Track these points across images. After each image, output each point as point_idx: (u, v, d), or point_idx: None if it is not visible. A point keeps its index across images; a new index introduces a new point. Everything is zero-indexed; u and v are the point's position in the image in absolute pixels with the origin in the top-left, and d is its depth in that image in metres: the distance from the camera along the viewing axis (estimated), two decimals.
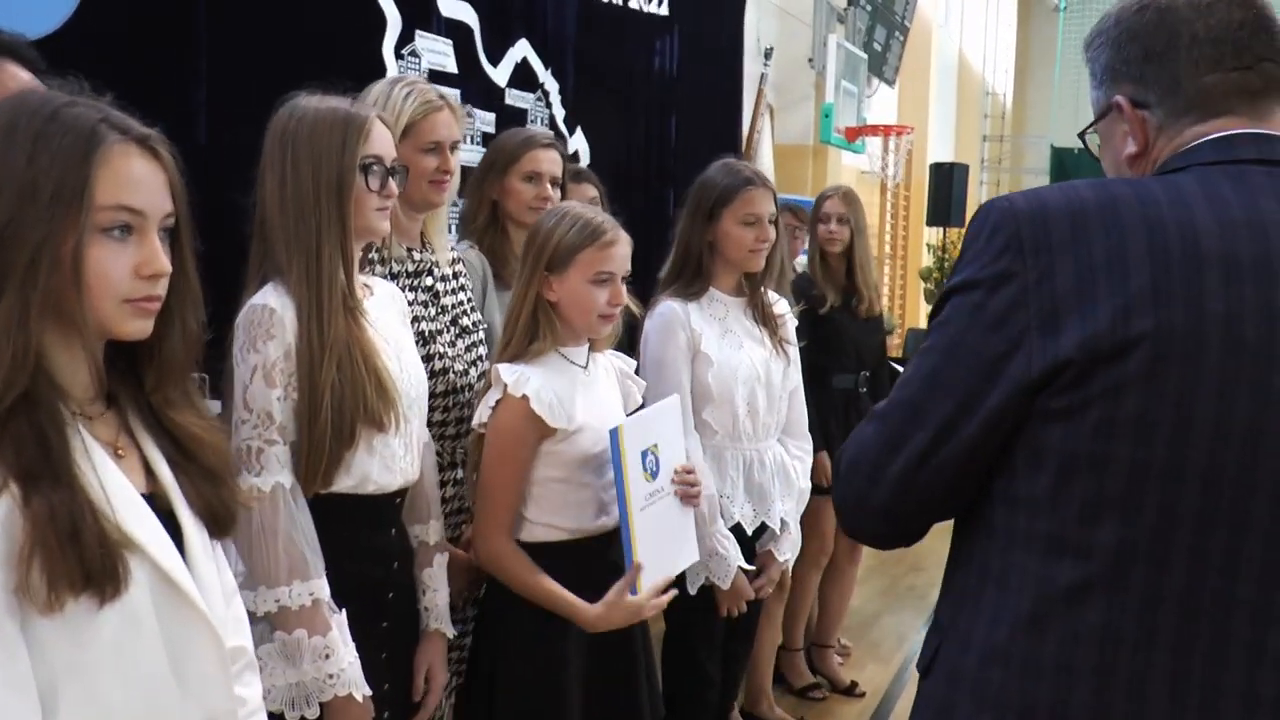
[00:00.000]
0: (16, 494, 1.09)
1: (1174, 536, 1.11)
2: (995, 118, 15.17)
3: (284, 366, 1.73)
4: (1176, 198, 1.16)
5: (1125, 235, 1.13)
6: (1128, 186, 1.19)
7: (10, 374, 1.11)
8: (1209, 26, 1.23)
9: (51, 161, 1.13)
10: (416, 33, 3.55)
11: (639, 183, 4.98)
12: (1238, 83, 1.23)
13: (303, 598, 1.71)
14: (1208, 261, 1.11)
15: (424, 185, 2.22)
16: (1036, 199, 1.19)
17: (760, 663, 3.73)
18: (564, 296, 2.14)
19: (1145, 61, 1.26)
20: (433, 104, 2.22)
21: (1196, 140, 1.24)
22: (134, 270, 1.17)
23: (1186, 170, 1.21)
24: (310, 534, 1.74)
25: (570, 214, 2.20)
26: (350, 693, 1.74)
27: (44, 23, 2.33)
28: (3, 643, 1.09)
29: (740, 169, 2.85)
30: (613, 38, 4.79)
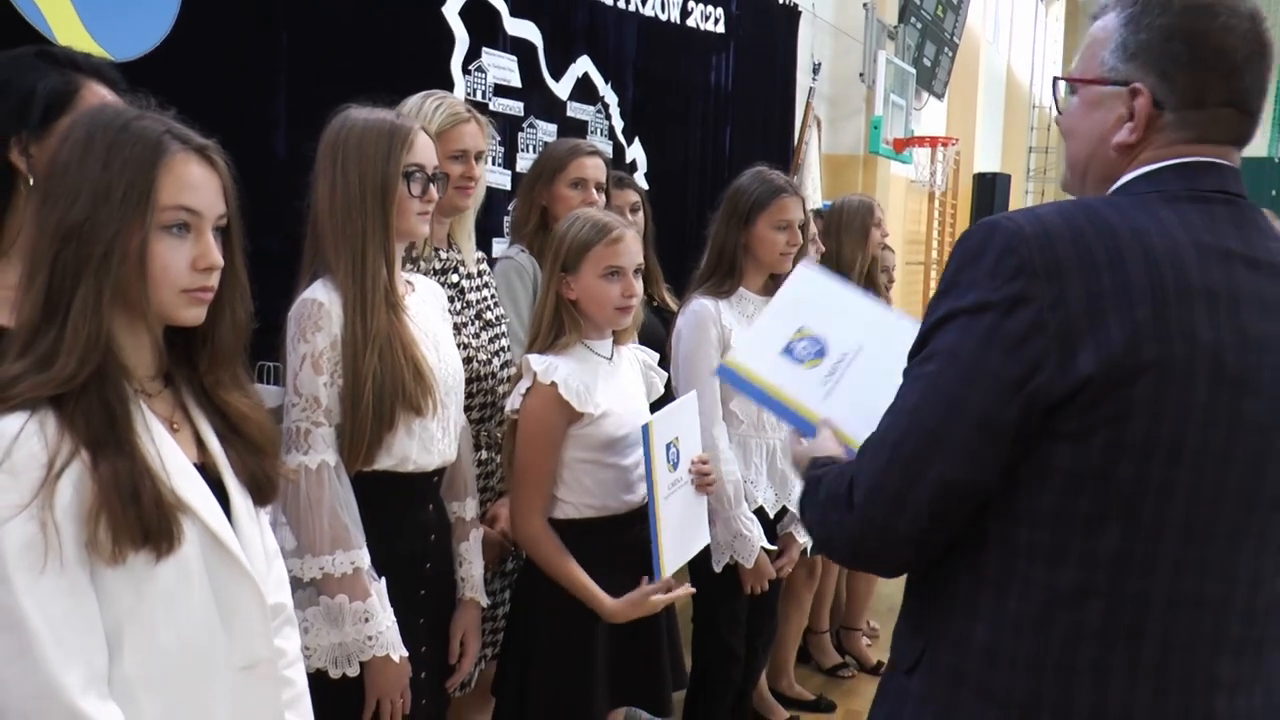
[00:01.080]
0: (86, 460, 1.18)
1: (1162, 546, 1.14)
2: (1041, 130, 14.88)
3: (330, 355, 1.80)
4: (1161, 229, 1.15)
5: (1127, 264, 1.12)
6: (1114, 212, 1.17)
7: (85, 353, 1.19)
8: (1248, 62, 1.19)
9: (123, 167, 1.22)
10: (483, 50, 3.59)
11: (694, 192, 4.99)
12: (1236, 123, 1.21)
13: (344, 566, 1.77)
14: (1196, 293, 1.12)
15: (450, 191, 2.27)
16: (1038, 222, 1.15)
17: (785, 643, 3.73)
18: (581, 293, 2.18)
19: (1186, 65, 1.18)
20: (460, 115, 2.29)
21: (1165, 161, 1.22)
22: (191, 263, 1.26)
23: (1158, 195, 1.19)
24: (352, 508, 1.80)
25: (581, 216, 2.25)
26: (388, 653, 1.81)
27: (141, 44, 2.40)
28: (76, 588, 1.18)
29: (773, 177, 2.88)
30: (671, 54, 4.80)
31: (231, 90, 2.64)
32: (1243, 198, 1.22)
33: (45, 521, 1.15)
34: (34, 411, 1.17)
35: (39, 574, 1.15)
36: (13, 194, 1.47)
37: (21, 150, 1.46)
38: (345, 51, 2.96)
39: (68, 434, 1.18)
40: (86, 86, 1.50)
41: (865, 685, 4.09)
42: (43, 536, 1.15)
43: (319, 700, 1.52)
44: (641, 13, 4.53)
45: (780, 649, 3.70)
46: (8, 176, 1.47)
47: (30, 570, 1.14)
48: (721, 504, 2.70)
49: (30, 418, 1.17)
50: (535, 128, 3.91)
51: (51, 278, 1.20)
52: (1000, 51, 12.83)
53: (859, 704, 3.92)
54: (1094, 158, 1.28)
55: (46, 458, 1.16)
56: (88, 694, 1.17)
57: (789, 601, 3.56)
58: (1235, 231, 1.18)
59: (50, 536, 1.15)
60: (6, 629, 1.14)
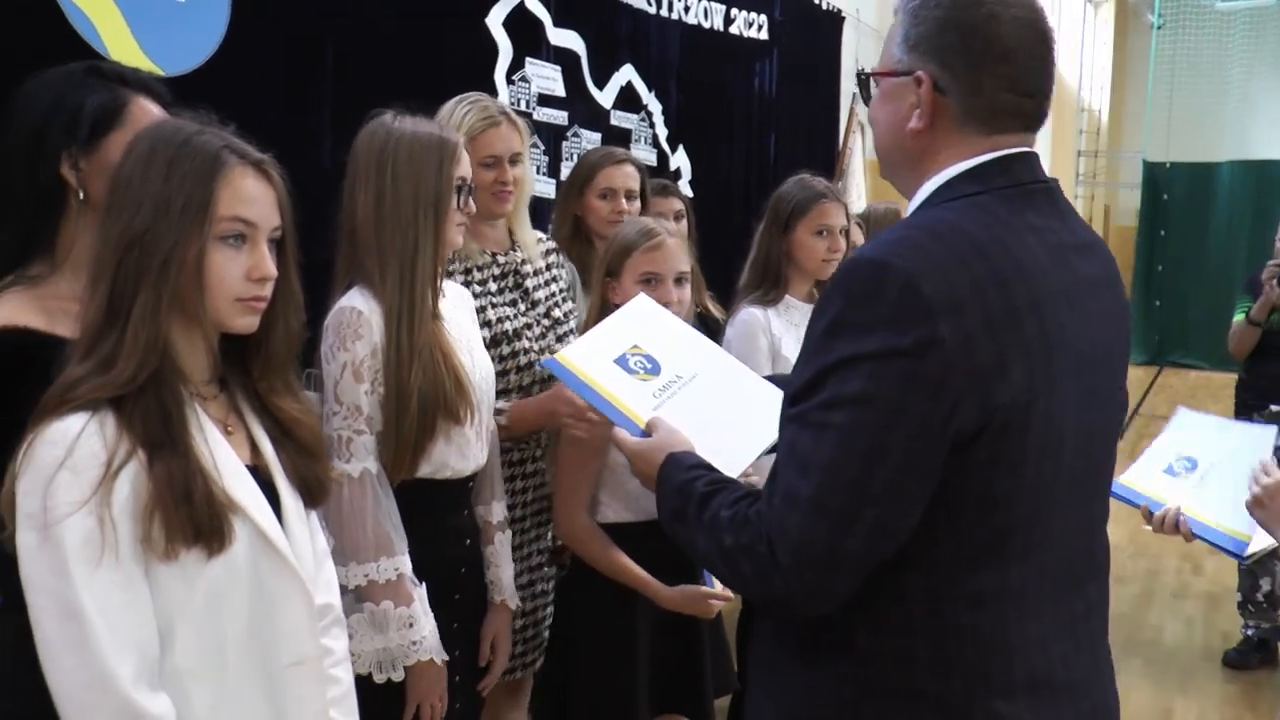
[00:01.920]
0: (143, 459, 1.23)
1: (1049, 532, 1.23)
2: (1090, 133, 14.69)
3: (370, 364, 1.80)
4: (1014, 236, 1.19)
5: (1009, 285, 1.15)
6: (975, 227, 1.18)
7: (144, 357, 1.24)
8: (1019, 48, 1.23)
9: (182, 180, 1.26)
10: (526, 60, 3.61)
11: (738, 198, 4.99)
12: (1019, 108, 1.25)
13: (388, 572, 1.78)
14: (1058, 298, 1.18)
15: (486, 196, 2.24)
16: (923, 255, 1.14)
17: None
18: (621, 299, 2.18)
19: (960, 53, 1.23)
20: (492, 118, 2.26)
21: (983, 155, 1.24)
22: (246, 273, 1.30)
23: (991, 195, 1.22)
24: (394, 515, 1.81)
25: (629, 223, 2.27)
26: (430, 658, 1.82)
27: (191, 59, 2.44)
28: (130, 583, 1.22)
29: (814, 183, 2.85)
30: (714, 61, 4.80)
31: (277, 103, 2.67)
32: (1051, 182, 1.28)
33: (103, 517, 1.19)
34: (95, 412, 1.22)
35: (96, 567, 1.19)
36: (64, 208, 1.50)
37: (72, 165, 1.48)
38: (390, 64, 2.98)
39: (126, 434, 1.22)
40: (134, 101, 1.53)
41: None
42: (100, 532, 1.19)
43: (361, 704, 1.54)
44: (684, 20, 4.53)
45: None
46: (59, 191, 1.49)
47: (88, 564, 1.18)
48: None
49: (91, 418, 1.21)
50: (579, 137, 3.92)
51: (114, 285, 1.25)
52: None
53: None
54: (895, 147, 1.31)
55: (106, 456, 1.20)
56: (139, 684, 1.21)
57: None
58: (1060, 222, 1.24)
59: (107, 532, 1.19)
60: (66, 618, 1.18)
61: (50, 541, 1.18)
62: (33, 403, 1.29)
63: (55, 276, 1.49)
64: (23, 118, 1.48)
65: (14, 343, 1.39)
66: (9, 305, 1.42)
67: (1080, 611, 1.30)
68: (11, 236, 1.48)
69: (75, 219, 1.50)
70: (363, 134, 1.88)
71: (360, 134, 1.88)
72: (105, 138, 1.49)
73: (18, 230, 1.48)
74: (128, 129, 1.49)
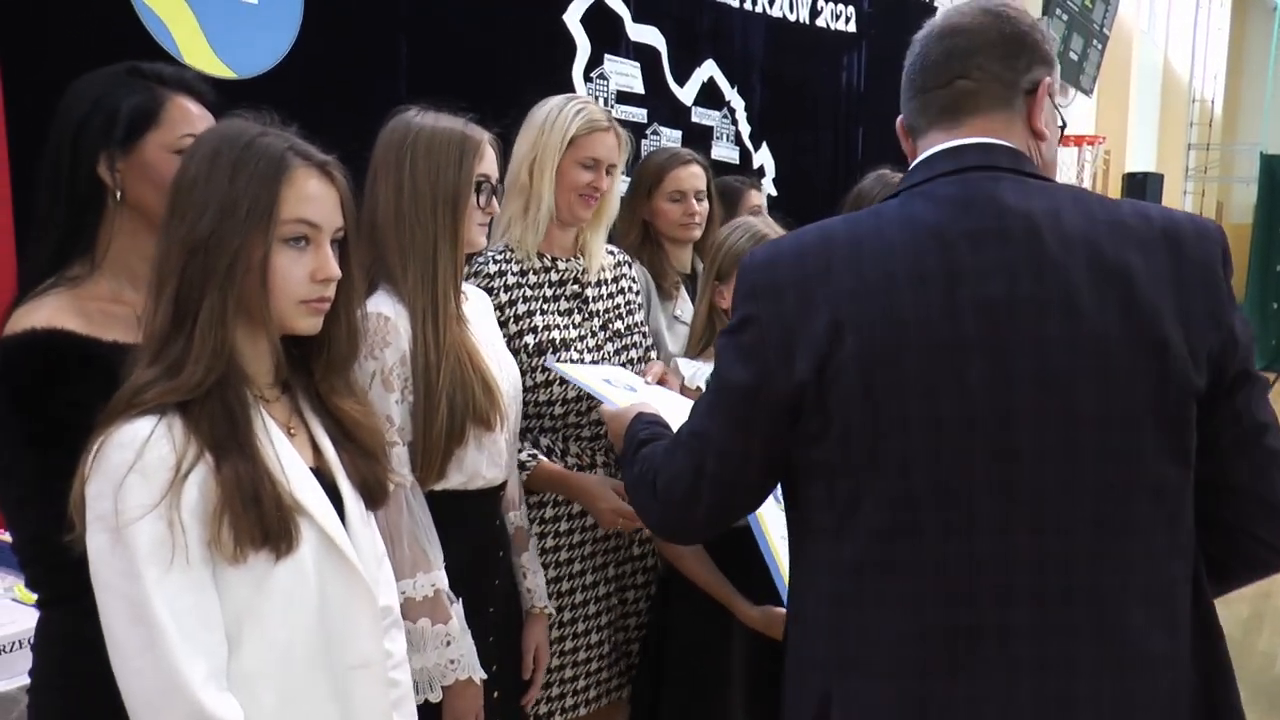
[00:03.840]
0: (210, 462, 1.23)
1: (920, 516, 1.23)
2: (1202, 125, 14.18)
3: (400, 371, 1.77)
4: (879, 226, 1.28)
5: (834, 270, 1.25)
6: (845, 223, 1.32)
7: (211, 361, 1.25)
8: (924, 55, 1.37)
9: (248, 183, 1.27)
10: (605, 56, 3.59)
11: (824, 195, 4.90)
12: (934, 100, 1.35)
13: (425, 589, 1.74)
14: (899, 280, 1.23)
15: (572, 197, 2.21)
16: (772, 247, 1.35)
17: None
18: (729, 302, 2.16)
19: (902, 92, 1.41)
20: (599, 124, 2.23)
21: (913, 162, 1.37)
22: (310, 275, 1.31)
23: (898, 196, 1.33)
24: (429, 528, 1.78)
25: (742, 225, 2.25)
26: (469, 677, 1.78)
27: (265, 60, 2.48)
28: (199, 586, 1.23)
29: (893, 179, 2.78)
30: (800, 55, 4.72)
31: (352, 103, 2.68)
32: (977, 169, 1.30)
33: (173, 520, 1.20)
34: (163, 415, 1.23)
35: (167, 570, 1.20)
36: (102, 209, 1.51)
37: (109, 165, 1.49)
38: (466, 61, 2.99)
39: (193, 438, 1.23)
40: (172, 101, 1.53)
41: None
42: (170, 535, 1.19)
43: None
44: (769, 13, 4.47)
45: None
46: (97, 191, 1.50)
47: (159, 566, 1.19)
48: None
49: (160, 421, 1.22)
50: (659, 134, 3.89)
51: (180, 289, 1.25)
52: (1157, 43, 12.27)
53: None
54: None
55: (175, 460, 1.21)
56: (209, 686, 1.21)
57: None
58: (961, 211, 1.26)
59: (177, 535, 1.20)
60: (137, 621, 1.19)
61: (121, 544, 1.19)
62: (71, 403, 1.31)
63: (94, 277, 1.50)
64: (63, 119, 1.50)
65: (54, 344, 1.40)
66: (49, 307, 1.43)
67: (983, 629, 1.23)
68: (52, 238, 1.50)
69: (113, 220, 1.51)
70: (384, 129, 1.85)
71: (382, 130, 1.85)
72: (142, 138, 1.49)
73: (58, 232, 1.50)
74: (165, 129, 1.50)
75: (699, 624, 2.15)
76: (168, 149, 1.50)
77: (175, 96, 1.53)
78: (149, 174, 1.49)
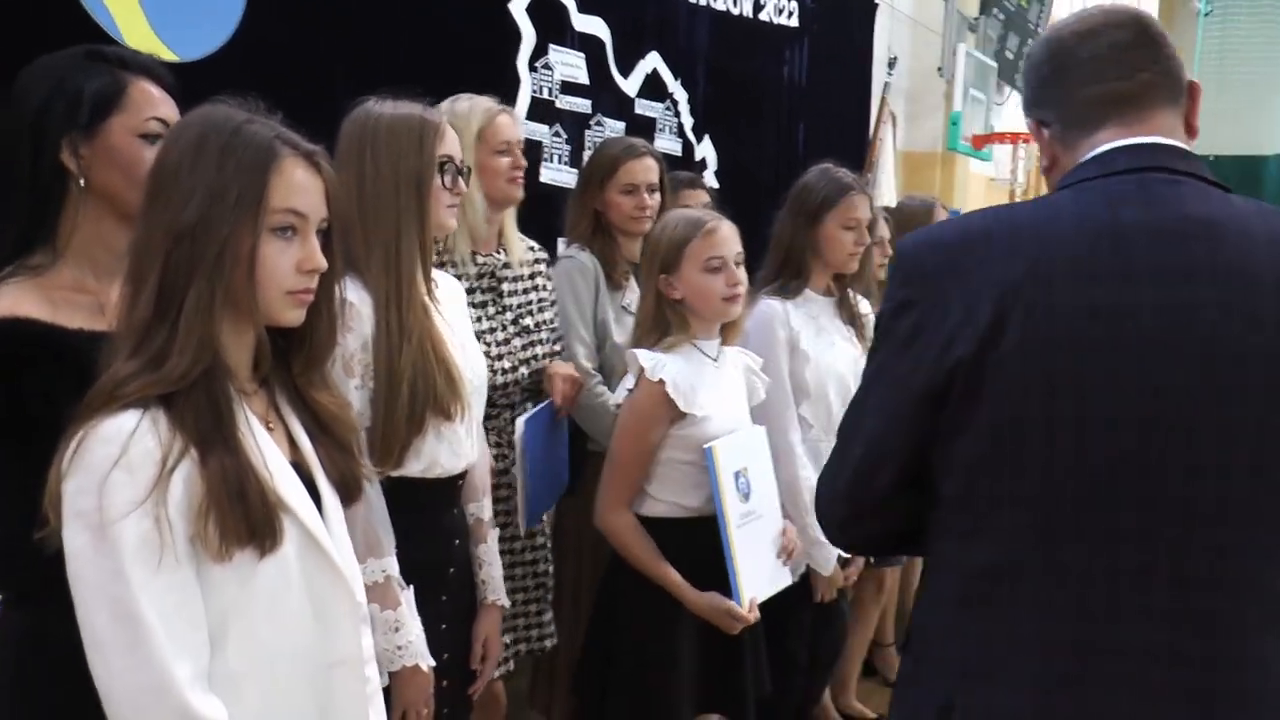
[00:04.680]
0: (195, 457, 1.22)
1: (1059, 520, 1.21)
2: None
3: (361, 357, 1.79)
4: (1049, 218, 1.26)
5: (1000, 258, 1.24)
6: (1011, 212, 1.32)
7: (197, 352, 1.23)
8: (1091, 49, 1.34)
9: (236, 170, 1.25)
10: (550, 46, 3.60)
11: (766, 189, 4.95)
12: (1114, 91, 1.32)
13: (376, 574, 1.76)
14: (1068, 275, 1.21)
15: (502, 183, 2.30)
16: (933, 232, 1.35)
17: (850, 658, 3.69)
18: (686, 291, 2.21)
19: (1042, 86, 1.39)
20: (494, 109, 2.32)
21: (1088, 153, 1.33)
22: (296, 265, 1.30)
23: (1070, 189, 1.31)
24: (383, 514, 1.79)
25: (674, 216, 2.30)
26: (417, 663, 1.80)
27: (207, 44, 2.45)
28: (185, 584, 1.22)
29: (841, 175, 2.85)
30: (743, 48, 4.76)
31: (294, 90, 2.65)
32: (1157, 170, 1.28)
33: (160, 517, 1.18)
34: (146, 409, 1.21)
35: (154, 569, 1.18)
36: (65, 195, 1.49)
37: (73, 151, 1.47)
38: (410, 50, 2.98)
39: (178, 432, 1.21)
40: (134, 84, 1.52)
41: None
42: (157, 532, 1.18)
43: None
44: (713, 7, 4.50)
45: (844, 664, 3.66)
46: (60, 178, 1.48)
47: (146, 565, 1.18)
48: (798, 510, 2.68)
49: (144, 415, 1.20)
50: (603, 125, 3.90)
51: (164, 277, 1.23)
52: None
53: None
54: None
55: (160, 454, 1.19)
56: (195, 688, 1.20)
57: (855, 617, 3.52)
58: (1139, 208, 1.24)
59: (164, 532, 1.18)
60: (121, 621, 1.17)
61: (106, 542, 1.17)
62: (39, 394, 1.30)
63: (57, 265, 1.48)
64: (22, 103, 1.47)
65: (16, 333, 1.39)
66: (10, 295, 1.42)
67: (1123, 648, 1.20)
68: (13, 225, 1.48)
69: (76, 207, 1.49)
70: (346, 121, 1.87)
71: (344, 121, 1.87)
72: (106, 121, 1.48)
73: (19, 219, 1.48)
74: (129, 112, 1.50)
75: (647, 614, 2.19)
76: (133, 132, 1.49)
77: (137, 80, 1.52)
78: (114, 158, 1.47)
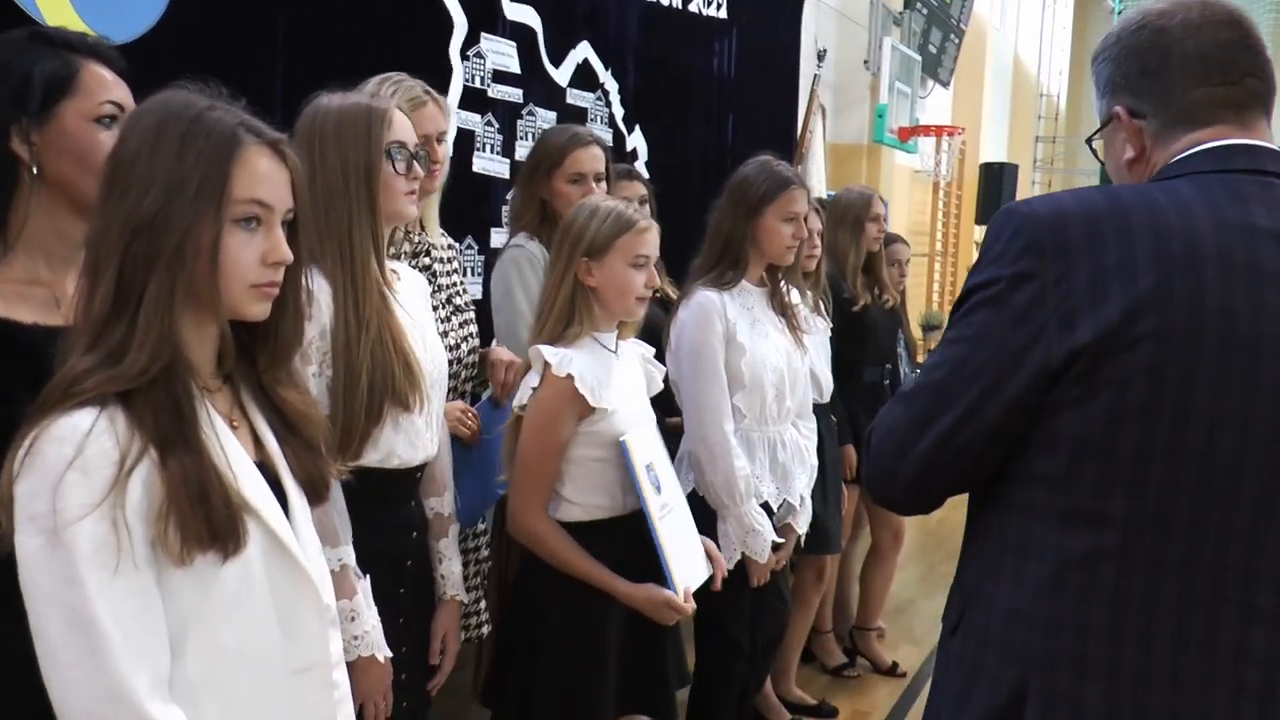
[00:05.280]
0: (155, 458, 1.17)
1: (1174, 511, 1.19)
2: (1049, 119, 14.89)
3: (319, 345, 1.77)
4: (1179, 205, 1.23)
5: (1134, 241, 1.20)
6: (1135, 194, 1.26)
7: (157, 347, 1.18)
8: (1198, 45, 1.30)
9: (198, 159, 1.21)
10: (481, 35, 3.59)
11: (695, 180, 4.99)
12: (1223, 96, 1.30)
13: (331, 563, 1.72)
14: (1206, 265, 1.19)
15: None
16: (1055, 206, 1.26)
17: (790, 646, 3.74)
18: (604, 281, 2.18)
19: (1141, 76, 1.33)
20: (418, 99, 2.27)
21: (1191, 148, 1.30)
22: (261, 258, 1.25)
23: (1186, 178, 1.27)
24: (339, 503, 1.77)
25: (604, 205, 2.25)
26: (373, 654, 1.78)
27: (133, 27, 2.39)
28: (143, 590, 1.17)
29: (780, 168, 2.88)
30: (673, 39, 4.79)
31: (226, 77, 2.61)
32: (1269, 174, 1.27)
33: (117, 521, 1.13)
34: (104, 407, 1.16)
35: (112, 575, 1.13)
36: (16, 184, 1.44)
37: (23, 138, 1.42)
38: (343, 36, 2.95)
39: (137, 431, 1.16)
40: (86, 68, 1.47)
41: (876, 685, 4.10)
42: (114, 536, 1.13)
43: None
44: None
45: (785, 651, 3.70)
46: (10, 166, 1.43)
47: (102, 570, 1.13)
48: (734, 499, 2.70)
49: (101, 414, 1.15)
50: (535, 115, 3.90)
51: (122, 270, 1.18)
52: (1007, 38, 12.82)
53: (866, 704, 3.94)
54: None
55: (118, 455, 1.14)
56: (154, 698, 1.16)
57: (796, 604, 3.56)
58: (1266, 209, 1.23)
59: (122, 536, 1.13)
60: (76, 629, 1.13)
61: (60, 546, 1.12)
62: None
63: (9, 258, 1.43)
64: None
65: None
66: None
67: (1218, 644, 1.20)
68: None
69: (27, 196, 1.44)
70: (301, 116, 1.86)
71: (300, 116, 1.86)
72: (57, 107, 1.43)
73: None
74: (83, 97, 1.45)
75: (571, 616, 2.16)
76: (86, 118, 1.44)
77: (88, 63, 1.47)
78: (68, 145, 1.43)
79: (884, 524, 4.18)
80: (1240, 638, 1.20)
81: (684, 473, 2.72)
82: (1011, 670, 1.26)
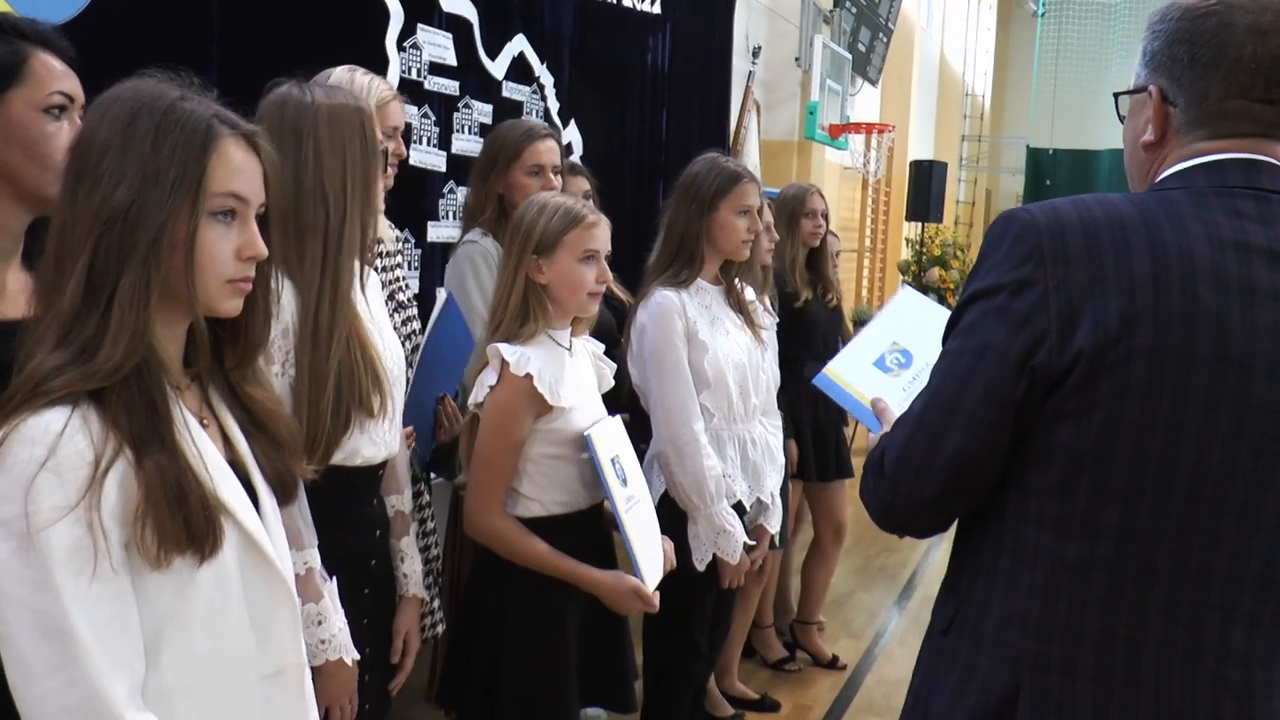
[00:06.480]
0: (130, 458, 1.14)
1: (1165, 522, 1.23)
2: (974, 118, 15.21)
3: (281, 344, 1.74)
4: (1175, 221, 1.24)
5: (1131, 255, 1.22)
6: (1132, 206, 1.27)
7: (130, 344, 1.15)
8: (1255, 54, 1.25)
9: (173, 150, 1.18)
10: (418, 26, 3.56)
11: (630, 175, 5.00)
12: (1257, 114, 1.28)
13: (297, 566, 1.71)
14: (1201, 282, 1.21)
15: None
16: (1054, 212, 1.27)
17: (732, 641, 3.77)
18: (554, 278, 2.18)
19: (1189, 65, 1.29)
20: (384, 97, 2.25)
21: (1196, 159, 1.30)
22: (236, 252, 1.23)
23: (1183, 191, 1.28)
24: (304, 506, 1.75)
25: (552, 201, 2.25)
26: (340, 657, 1.76)
27: (61, 10, 2.34)
28: (118, 595, 1.14)
29: (731, 163, 2.90)
30: (608, 34, 4.80)
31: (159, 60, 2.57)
32: (1266, 191, 1.27)
33: (93, 524, 1.10)
34: (76, 406, 1.12)
35: (88, 580, 1.10)
36: None
37: None
38: (278, 25, 2.90)
39: (112, 431, 1.13)
40: (35, 57, 1.43)
41: (817, 678, 4.15)
42: (91, 540, 1.10)
43: None
44: None
45: (727, 647, 3.73)
46: None
47: (78, 575, 1.10)
48: (704, 500, 2.69)
49: (73, 412, 1.12)
50: (471, 108, 3.88)
51: (93, 264, 1.15)
52: (934, 38, 13.07)
53: (808, 698, 3.99)
54: (1132, 160, 1.41)
55: (93, 455, 1.11)
56: (130, 706, 1.13)
57: (738, 600, 3.59)
58: (1261, 227, 1.25)
59: (98, 540, 1.10)
60: (49, 637, 1.09)
61: (33, 551, 1.08)
62: None
63: None
64: None
65: None
66: None
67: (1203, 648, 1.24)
68: None
69: None
70: (267, 107, 1.80)
71: (263, 107, 1.80)
72: (5, 95, 1.40)
73: None
74: (32, 86, 1.42)
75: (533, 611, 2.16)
76: (35, 107, 1.41)
77: (37, 51, 1.43)
78: (15, 135, 1.40)
79: (826, 519, 4.22)
80: (1222, 640, 1.24)
81: (653, 475, 2.71)
82: (1004, 672, 1.30)
